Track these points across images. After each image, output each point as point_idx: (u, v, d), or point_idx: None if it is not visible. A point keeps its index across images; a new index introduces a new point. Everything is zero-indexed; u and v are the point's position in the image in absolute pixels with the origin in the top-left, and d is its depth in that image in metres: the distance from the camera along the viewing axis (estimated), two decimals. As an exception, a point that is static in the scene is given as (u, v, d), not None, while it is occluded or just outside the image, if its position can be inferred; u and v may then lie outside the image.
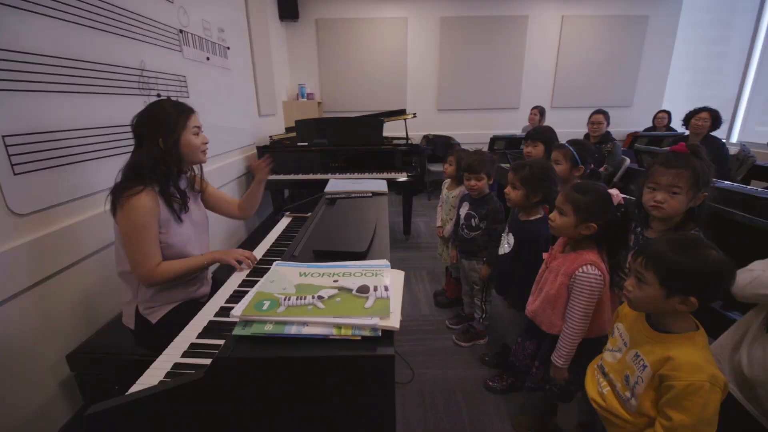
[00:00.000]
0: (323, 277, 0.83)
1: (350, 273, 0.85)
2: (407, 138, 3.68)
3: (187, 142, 1.25)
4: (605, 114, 3.32)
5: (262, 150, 3.33)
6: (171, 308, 1.31)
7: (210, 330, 1.01)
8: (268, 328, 0.67)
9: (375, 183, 1.91)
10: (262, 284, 0.80)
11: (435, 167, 5.08)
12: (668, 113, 4.50)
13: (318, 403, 0.67)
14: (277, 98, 4.39)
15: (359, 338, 0.67)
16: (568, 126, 4.63)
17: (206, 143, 1.34)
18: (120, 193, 1.13)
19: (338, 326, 0.68)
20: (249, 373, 0.64)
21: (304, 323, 0.68)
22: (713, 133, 3.10)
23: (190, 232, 1.34)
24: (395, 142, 3.59)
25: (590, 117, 3.36)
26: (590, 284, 1.11)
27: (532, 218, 1.50)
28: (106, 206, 1.18)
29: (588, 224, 1.12)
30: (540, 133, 2.10)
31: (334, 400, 0.66)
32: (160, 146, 1.19)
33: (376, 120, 3.45)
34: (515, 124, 5.28)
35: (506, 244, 1.59)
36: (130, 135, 1.22)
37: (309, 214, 2.03)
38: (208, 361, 0.84)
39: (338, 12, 4.88)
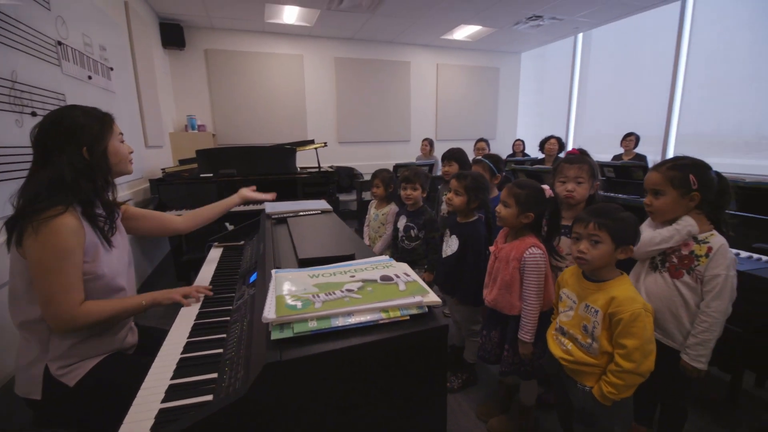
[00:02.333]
0: (337, 276, 0.81)
1: (362, 268, 0.85)
2: (319, 166, 3.70)
3: (115, 150, 1.08)
4: (486, 141, 3.98)
5: (155, 183, 2.92)
6: (95, 364, 1.04)
7: (186, 368, 0.84)
8: (313, 325, 0.62)
9: (314, 203, 1.88)
10: (276, 290, 0.73)
11: (342, 197, 5.19)
12: (522, 141, 5.60)
13: (379, 387, 0.64)
14: (163, 129, 3.94)
15: (408, 318, 0.67)
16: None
17: (132, 152, 1.17)
18: (32, 216, 0.88)
19: (385, 310, 0.67)
20: (305, 375, 0.58)
21: (349, 313, 0.65)
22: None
23: (119, 260, 1.11)
24: (309, 170, 3.58)
25: (475, 144, 3.98)
26: (537, 262, 1.31)
27: (471, 220, 1.69)
28: (2, 238, 0.91)
29: (527, 214, 1.34)
30: (453, 153, 2.40)
31: (394, 382, 0.64)
32: (85, 157, 0.99)
33: (289, 149, 3.41)
34: (409, 154, 5.83)
35: (448, 248, 1.74)
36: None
37: (242, 242, 1.88)
38: (206, 398, 0.72)
39: (229, 44, 4.75)
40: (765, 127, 3.75)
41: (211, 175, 3.12)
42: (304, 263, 0.99)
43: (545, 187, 1.36)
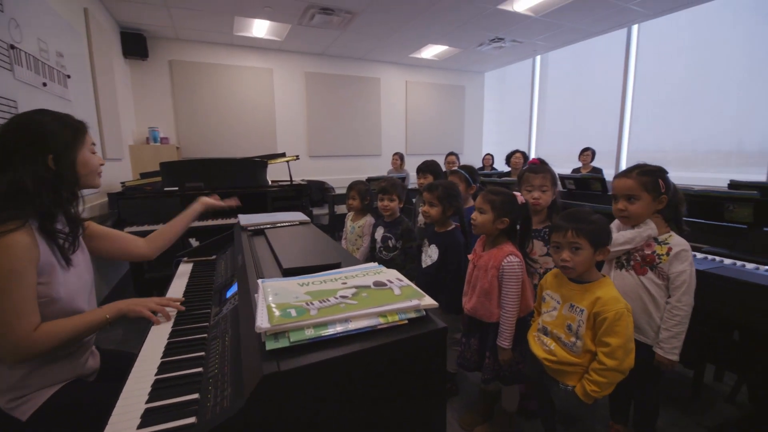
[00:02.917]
0: (328, 283, 0.78)
1: (353, 275, 0.83)
2: (291, 180, 3.65)
3: (84, 161, 1.01)
4: (456, 155, 4.10)
5: (114, 197, 2.75)
6: (52, 393, 0.93)
7: (163, 389, 0.78)
8: (310, 333, 0.60)
9: (291, 215, 1.84)
10: (267, 299, 0.70)
11: (314, 211, 5.11)
12: (492, 155, 5.83)
13: (380, 393, 0.62)
14: (123, 141, 3.74)
15: (406, 322, 0.66)
16: (424, 168, 5.46)
17: (103, 164, 1.10)
18: None
19: (383, 315, 0.65)
20: (304, 385, 0.55)
21: (347, 319, 0.63)
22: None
23: (79, 281, 1.02)
24: (281, 183, 3.51)
25: (446, 158, 4.09)
26: (514, 270, 1.34)
27: (449, 229, 1.71)
28: None
29: (502, 219, 1.38)
30: (428, 166, 2.45)
31: (396, 387, 0.63)
32: (50, 166, 0.91)
33: (259, 161, 3.33)
34: (380, 168, 5.89)
35: (428, 258, 1.75)
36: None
37: (213, 257, 1.79)
38: (189, 420, 0.67)
39: (196, 56, 4.63)
40: (700, 144, 4.15)
41: (177, 188, 2.98)
42: (289, 273, 0.96)
43: (517, 194, 1.42)
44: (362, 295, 0.71)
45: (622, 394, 1.37)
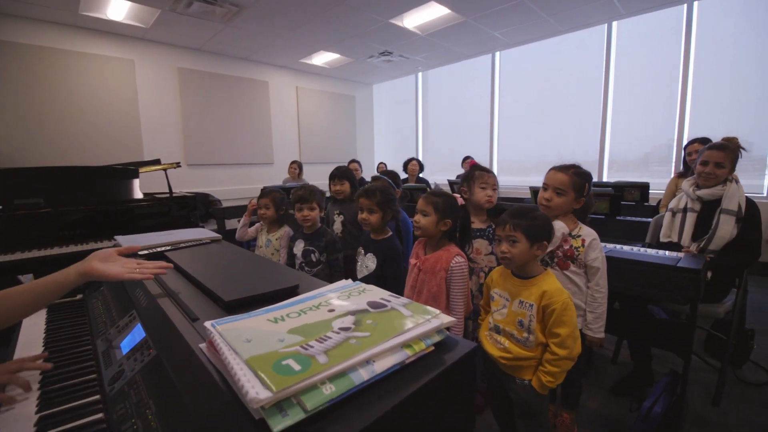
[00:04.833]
0: (308, 313, 0.60)
1: (334, 298, 0.66)
2: (171, 191, 3.06)
3: None
4: (359, 162, 4.08)
5: None
6: None
7: None
8: (331, 391, 0.43)
9: (194, 232, 1.50)
10: (239, 353, 0.49)
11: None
12: (385, 163, 6.02)
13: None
14: None
15: (432, 348, 0.54)
16: (323, 178, 5.28)
17: None
18: None
19: (407, 345, 0.52)
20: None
21: (368, 360, 0.48)
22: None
23: None
24: (158, 196, 2.90)
25: (349, 164, 4.02)
26: (462, 271, 1.34)
27: (387, 236, 1.63)
28: None
29: (445, 221, 1.36)
30: (344, 172, 2.32)
31: (438, 426, 0.50)
32: None
33: (127, 170, 2.69)
34: (275, 178, 5.48)
35: (364, 268, 1.63)
36: None
37: (79, 296, 1.33)
38: None
39: (23, 35, 3.53)
40: (548, 154, 5.06)
41: (0, 207, 2.17)
42: (233, 307, 0.73)
43: (456, 195, 1.43)
44: (367, 322, 0.56)
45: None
